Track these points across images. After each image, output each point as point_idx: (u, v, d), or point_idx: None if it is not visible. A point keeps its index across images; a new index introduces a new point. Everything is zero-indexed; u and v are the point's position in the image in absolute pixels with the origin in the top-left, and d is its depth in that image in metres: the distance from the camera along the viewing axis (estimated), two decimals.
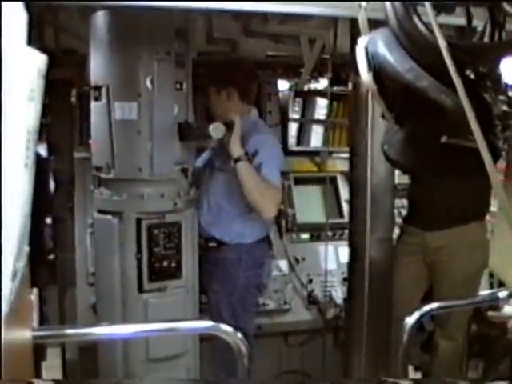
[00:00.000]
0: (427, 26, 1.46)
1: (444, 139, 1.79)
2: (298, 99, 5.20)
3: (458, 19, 1.73)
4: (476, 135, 1.20)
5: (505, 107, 1.81)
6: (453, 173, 2.49)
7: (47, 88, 1.24)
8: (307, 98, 5.24)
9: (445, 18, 1.53)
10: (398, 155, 2.18)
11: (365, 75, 1.67)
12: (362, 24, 1.81)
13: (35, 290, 3.00)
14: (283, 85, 5.23)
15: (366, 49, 1.65)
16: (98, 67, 3.37)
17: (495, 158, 1.53)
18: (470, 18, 1.66)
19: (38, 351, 3.78)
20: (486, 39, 1.45)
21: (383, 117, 1.85)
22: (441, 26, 1.98)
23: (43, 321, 4.39)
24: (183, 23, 3.38)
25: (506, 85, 1.90)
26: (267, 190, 3.66)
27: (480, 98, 1.64)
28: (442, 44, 1.27)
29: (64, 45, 4.00)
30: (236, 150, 3.56)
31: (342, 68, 4.69)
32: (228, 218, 3.95)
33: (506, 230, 1.31)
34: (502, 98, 1.84)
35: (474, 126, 1.21)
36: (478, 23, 1.56)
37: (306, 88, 5.21)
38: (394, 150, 2.18)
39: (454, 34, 2.60)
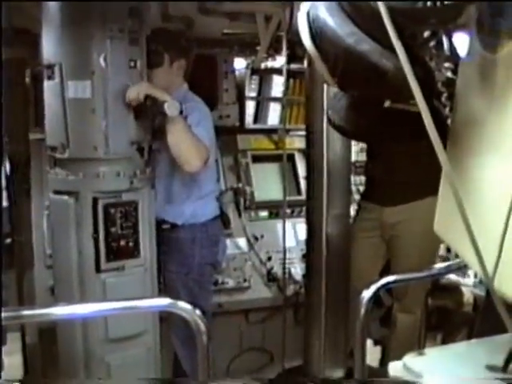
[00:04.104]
0: None
1: (387, 104, 1.81)
2: (254, 77, 5.18)
3: None
4: (417, 99, 1.22)
5: (449, 74, 1.83)
6: (398, 138, 2.50)
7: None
8: (264, 76, 5.22)
9: None
10: (342, 121, 2.18)
11: (306, 40, 1.67)
12: None
13: None
14: (240, 63, 5.21)
15: (308, 14, 1.65)
16: (50, 45, 3.31)
17: (441, 125, 1.55)
18: None
19: None
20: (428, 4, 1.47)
21: (327, 83, 1.86)
22: None
23: (1, 305, 4.33)
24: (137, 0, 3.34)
25: (456, 53, 1.90)
26: (193, 142, 3.57)
27: (422, 63, 1.66)
28: (382, 8, 1.28)
29: (17, 24, 3.93)
30: (163, 96, 3.41)
31: (298, 45, 4.69)
32: (178, 200, 3.93)
33: (449, 194, 1.33)
34: (447, 64, 1.86)
35: (416, 89, 1.22)
36: None
37: (262, 66, 5.20)
38: (339, 115, 2.18)
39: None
